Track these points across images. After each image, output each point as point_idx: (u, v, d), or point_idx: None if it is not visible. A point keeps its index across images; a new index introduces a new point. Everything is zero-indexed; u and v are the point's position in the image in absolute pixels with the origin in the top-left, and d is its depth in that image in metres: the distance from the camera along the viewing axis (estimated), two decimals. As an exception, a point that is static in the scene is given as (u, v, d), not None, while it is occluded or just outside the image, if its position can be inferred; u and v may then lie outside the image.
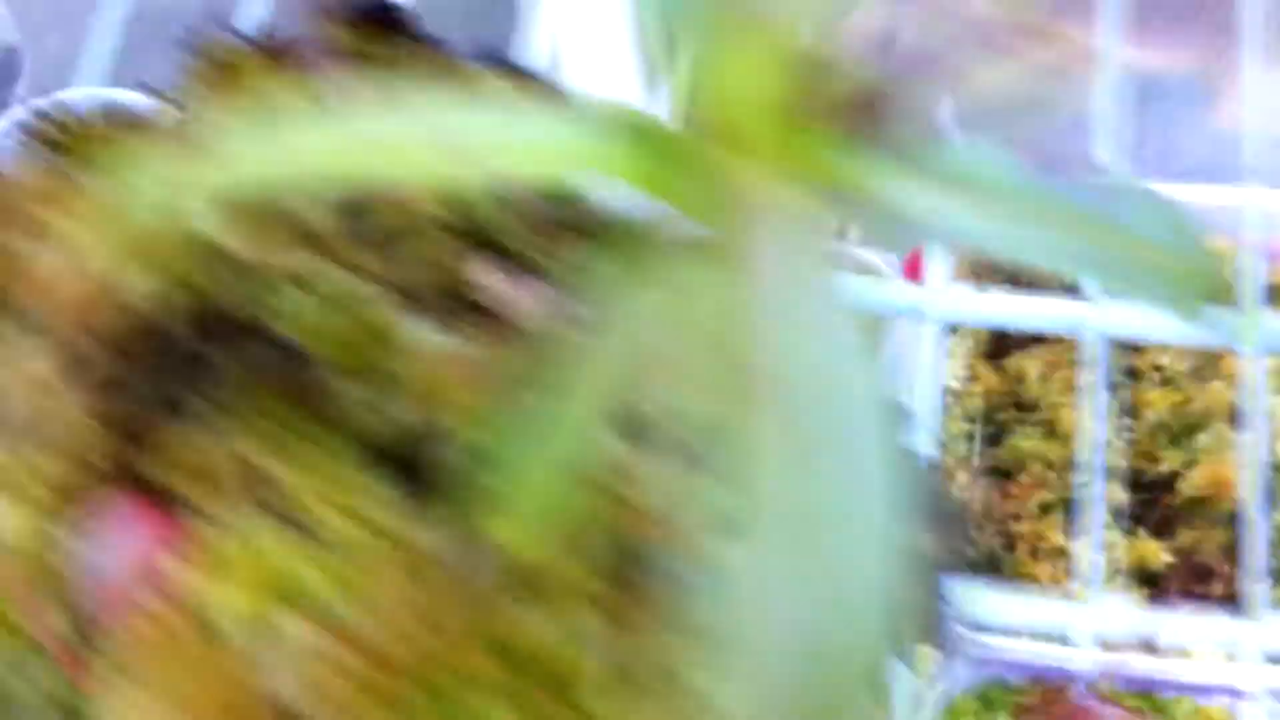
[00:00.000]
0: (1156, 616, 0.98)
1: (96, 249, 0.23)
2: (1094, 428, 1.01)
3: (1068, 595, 1.01)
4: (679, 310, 0.16)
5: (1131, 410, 1.03)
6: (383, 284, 0.22)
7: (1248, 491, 0.79)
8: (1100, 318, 0.48)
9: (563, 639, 0.20)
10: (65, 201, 0.23)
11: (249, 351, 0.22)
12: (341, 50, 0.26)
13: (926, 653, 0.98)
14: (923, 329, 0.48)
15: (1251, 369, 0.58)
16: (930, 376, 0.45)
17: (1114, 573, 0.99)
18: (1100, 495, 0.40)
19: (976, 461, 1.03)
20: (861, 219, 0.18)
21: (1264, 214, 0.47)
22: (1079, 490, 1.04)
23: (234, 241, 0.22)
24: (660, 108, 0.18)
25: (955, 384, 1.04)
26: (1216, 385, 1.00)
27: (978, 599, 0.44)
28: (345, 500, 0.21)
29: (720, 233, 0.17)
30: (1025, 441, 1.02)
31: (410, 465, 0.21)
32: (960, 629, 0.39)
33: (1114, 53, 0.54)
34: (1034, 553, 0.99)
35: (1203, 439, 0.99)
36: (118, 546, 0.23)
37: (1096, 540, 0.43)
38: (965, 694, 0.96)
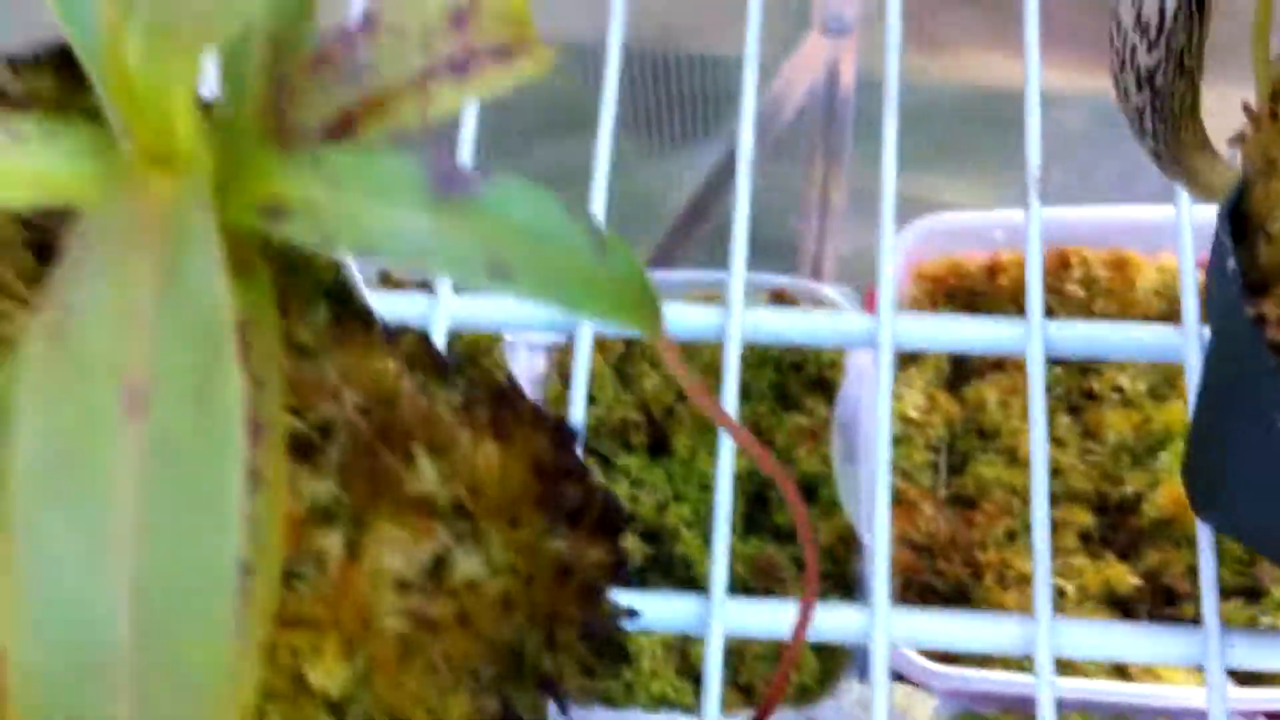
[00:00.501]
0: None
1: None
2: (1046, 451, 1.00)
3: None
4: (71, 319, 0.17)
5: (1093, 432, 1.03)
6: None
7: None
8: (1044, 336, 0.48)
9: None
10: None
11: None
12: None
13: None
14: (878, 359, 0.47)
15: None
16: (884, 407, 0.45)
17: (1083, 598, 0.99)
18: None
19: (941, 491, 1.03)
20: (287, 228, 0.19)
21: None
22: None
23: None
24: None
25: (915, 414, 1.03)
26: (1175, 404, 1.00)
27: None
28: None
29: (127, 244, 0.17)
30: (988, 469, 1.02)
31: None
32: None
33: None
34: (1001, 580, 0.99)
35: (1164, 458, 0.99)
36: None
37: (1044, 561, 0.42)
38: (938, 726, 0.96)
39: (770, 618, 0.43)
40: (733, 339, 0.47)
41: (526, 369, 1.01)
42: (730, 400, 0.46)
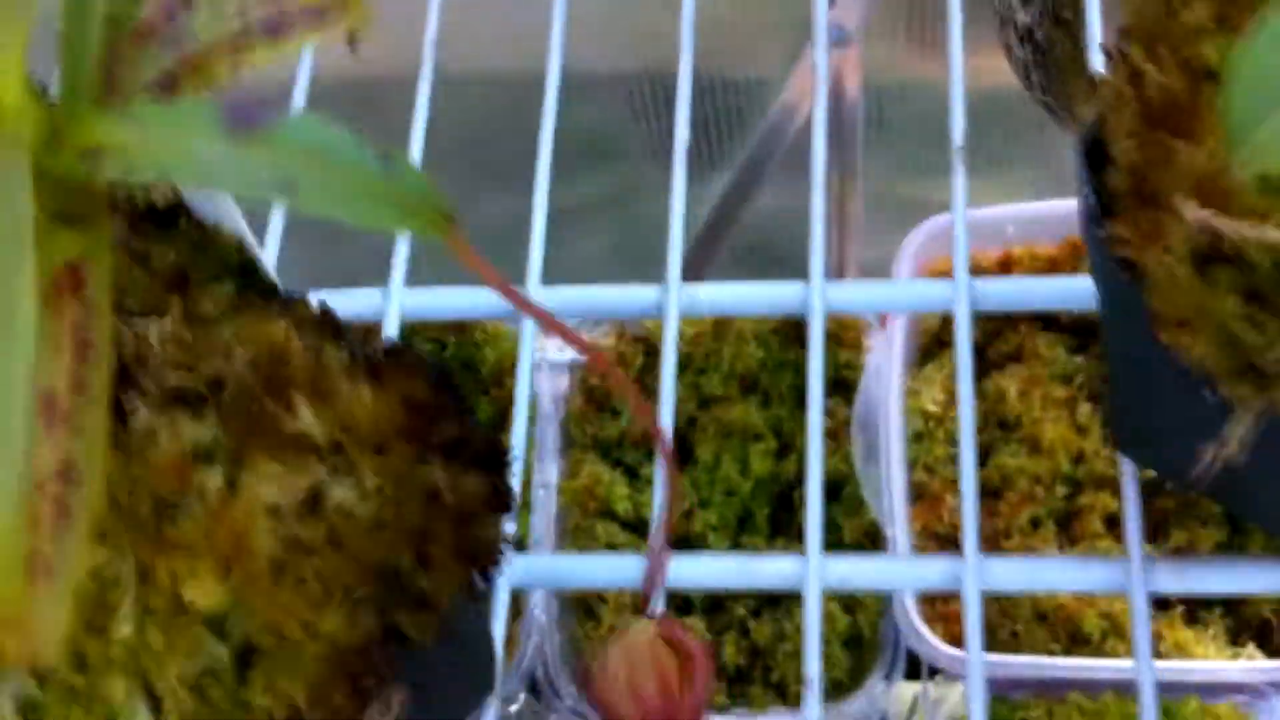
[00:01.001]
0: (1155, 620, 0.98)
1: None
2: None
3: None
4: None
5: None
6: None
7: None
8: (970, 294, 0.49)
9: None
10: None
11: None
12: None
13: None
14: (813, 326, 0.49)
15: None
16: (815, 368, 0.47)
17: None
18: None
19: (965, 483, 1.04)
20: (102, 167, 0.22)
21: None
22: (1068, 502, 1.04)
23: None
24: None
25: (934, 409, 1.05)
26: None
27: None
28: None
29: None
30: (1011, 459, 1.03)
31: None
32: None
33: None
34: (1028, 567, 0.99)
35: (1185, 439, 0.99)
36: None
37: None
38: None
39: (707, 570, 0.46)
40: (671, 315, 0.50)
41: (549, 388, 1.04)
42: (669, 375, 0.49)
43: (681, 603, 1.02)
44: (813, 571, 0.44)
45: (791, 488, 1.02)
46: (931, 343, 1.07)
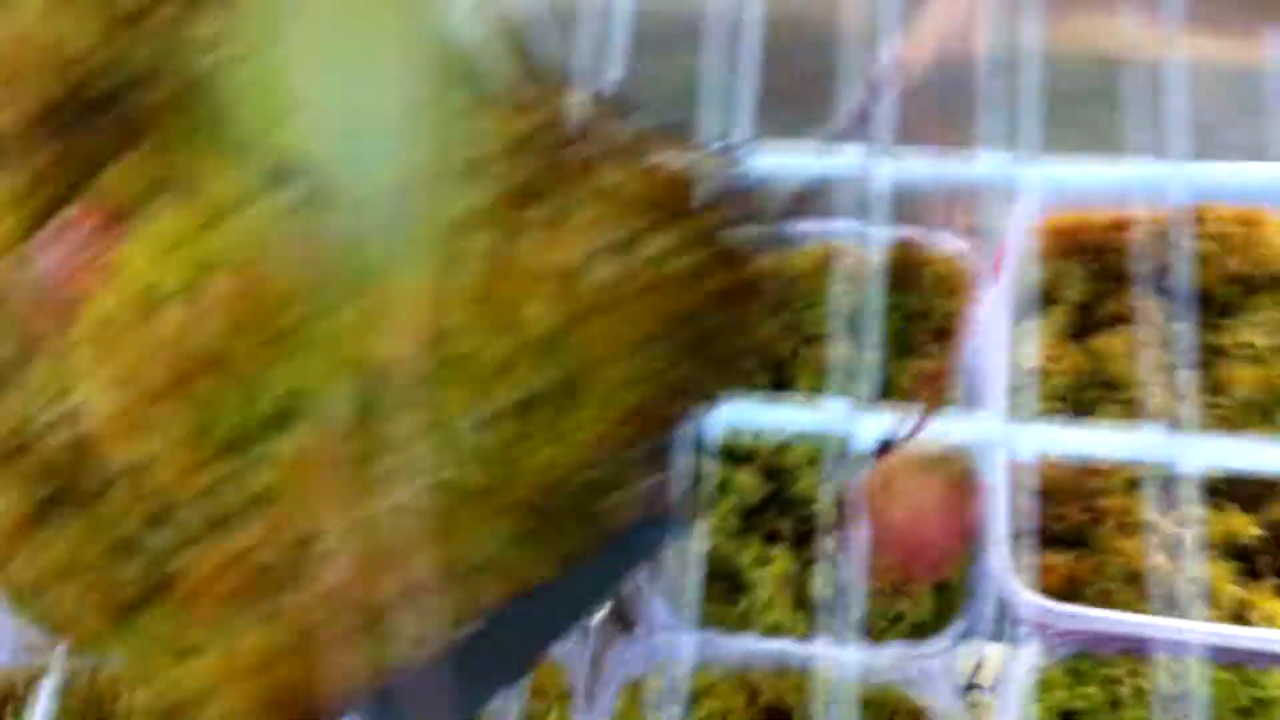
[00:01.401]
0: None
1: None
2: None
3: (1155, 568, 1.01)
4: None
5: (1219, 388, 1.03)
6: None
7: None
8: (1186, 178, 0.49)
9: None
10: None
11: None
12: None
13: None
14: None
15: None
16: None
17: (1201, 546, 0.99)
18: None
19: (1063, 440, 1.03)
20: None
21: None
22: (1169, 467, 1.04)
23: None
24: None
25: (1035, 364, 1.04)
26: (1306, 359, 1.00)
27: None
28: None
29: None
30: (1112, 420, 1.02)
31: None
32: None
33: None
34: (1122, 527, 0.99)
35: (1292, 413, 0.98)
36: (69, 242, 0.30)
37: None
38: (1054, 667, 0.96)
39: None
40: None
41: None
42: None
43: (769, 534, 1.02)
44: (999, 440, 0.44)
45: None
46: (1034, 299, 1.06)
